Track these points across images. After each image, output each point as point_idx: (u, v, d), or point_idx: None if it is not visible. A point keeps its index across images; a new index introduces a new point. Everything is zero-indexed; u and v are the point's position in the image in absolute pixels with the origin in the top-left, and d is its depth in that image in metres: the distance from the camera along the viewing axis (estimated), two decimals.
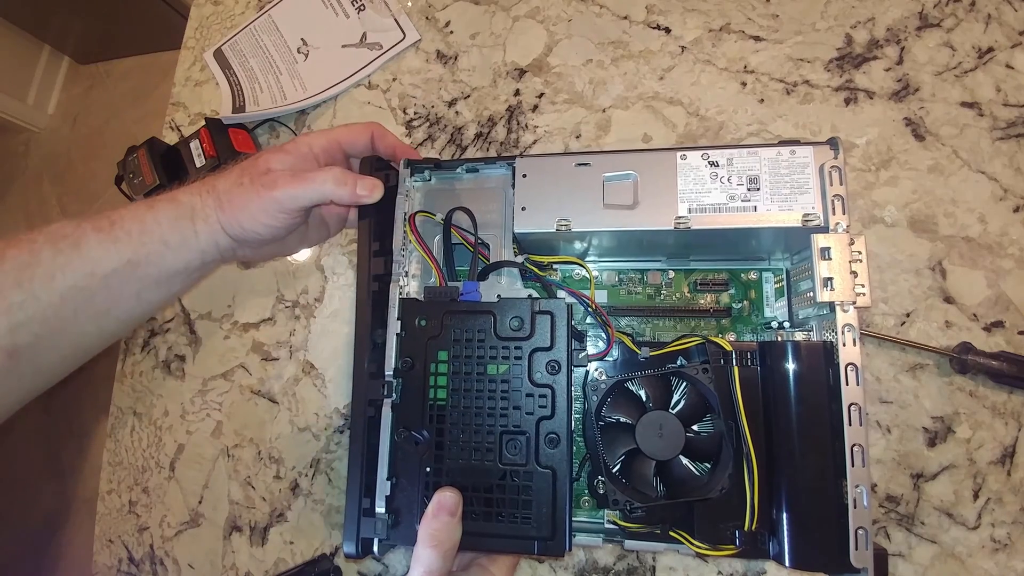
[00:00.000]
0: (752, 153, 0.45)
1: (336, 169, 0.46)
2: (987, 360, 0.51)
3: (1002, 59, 0.59)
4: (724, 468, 0.43)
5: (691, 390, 0.47)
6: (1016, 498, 0.51)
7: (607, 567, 0.56)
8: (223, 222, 0.45)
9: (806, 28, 0.64)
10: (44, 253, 0.41)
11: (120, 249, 0.42)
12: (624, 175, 0.47)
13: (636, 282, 0.55)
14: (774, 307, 0.52)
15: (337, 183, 0.45)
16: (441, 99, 0.72)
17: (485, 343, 0.44)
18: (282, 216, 0.45)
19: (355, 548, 0.44)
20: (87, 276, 0.41)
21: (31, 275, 0.40)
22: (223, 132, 0.73)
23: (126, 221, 0.43)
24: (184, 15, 0.90)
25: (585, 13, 0.71)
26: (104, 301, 0.43)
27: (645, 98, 0.66)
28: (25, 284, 0.40)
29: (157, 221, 0.44)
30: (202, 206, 0.45)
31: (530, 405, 0.43)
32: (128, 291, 0.44)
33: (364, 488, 0.45)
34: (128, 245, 0.43)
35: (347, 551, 0.44)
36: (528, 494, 0.42)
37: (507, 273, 0.51)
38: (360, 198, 0.46)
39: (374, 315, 0.48)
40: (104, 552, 0.71)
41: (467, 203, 0.51)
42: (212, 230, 0.45)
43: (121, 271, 0.43)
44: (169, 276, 0.45)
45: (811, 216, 0.43)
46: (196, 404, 0.71)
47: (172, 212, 0.45)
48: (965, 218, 0.56)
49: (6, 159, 2.24)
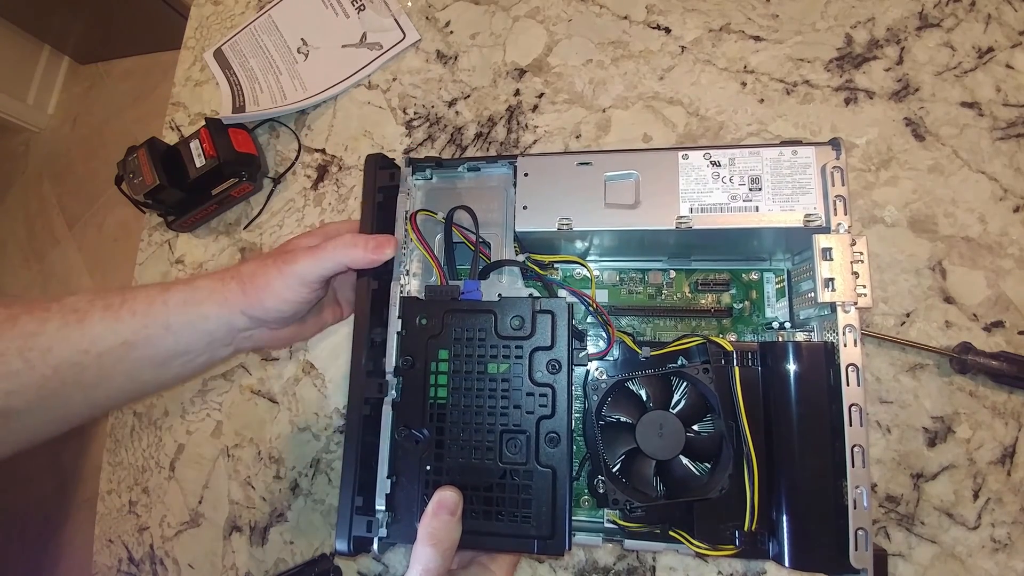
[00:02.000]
0: (754, 153, 0.45)
1: (348, 235, 0.47)
2: (987, 360, 0.51)
3: (1002, 59, 0.59)
4: (724, 468, 0.43)
5: (691, 390, 0.47)
6: (1016, 498, 0.51)
7: (607, 567, 0.56)
8: (244, 305, 0.46)
9: (806, 28, 0.64)
10: (51, 325, 0.42)
11: (120, 329, 0.43)
12: (626, 175, 0.47)
13: (637, 282, 0.55)
14: (775, 307, 0.52)
15: (352, 246, 0.46)
16: (441, 99, 0.72)
17: (486, 342, 0.44)
18: (303, 290, 0.46)
19: (347, 545, 0.44)
20: (82, 353, 0.42)
21: (33, 345, 0.41)
22: (223, 132, 0.73)
23: (136, 301, 0.44)
24: (184, 15, 0.90)
25: (585, 13, 0.71)
26: (94, 377, 0.44)
27: (645, 98, 0.66)
28: (26, 354, 0.41)
29: (165, 303, 0.45)
30: (222, 289, 0.46)
31: (530, 404, 0.43)
32: (120, 370, 0.45)
33: (358, 486, 0.45)
34: (129, 325, 0.44)
35: (339, 548, 0.44)
36: (528, 493, 0.42)
37: (508, 272, 0.51)
38: (376, 260, 0.47)
39: (372, 314, 0.48)
40: (104, 552, 0.71)
41: (468, 202, 0.51)
42: (227, 312, 0.46)
43: (116, 351, 0.43)
44: (166, 359, 0.46)
45: (813, 216, 0.43)
46: (196, 404, 0.71)
47: (183, 296, 0.45)
48: (965, 218, 0.56)
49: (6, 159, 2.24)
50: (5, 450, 0.44)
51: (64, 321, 0.42)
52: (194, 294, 0.46)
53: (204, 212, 0.74)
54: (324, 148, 0.75)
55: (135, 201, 0.73)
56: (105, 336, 0.43)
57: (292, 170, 0.75)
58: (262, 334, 0.49)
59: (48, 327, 0.42)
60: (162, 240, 0.79)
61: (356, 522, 0.45)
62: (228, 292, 0.46)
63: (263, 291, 0.46)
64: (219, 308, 0.46)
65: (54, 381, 0.42)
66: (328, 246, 0.46)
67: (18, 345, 0.41)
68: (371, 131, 0.74)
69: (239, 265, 0.48)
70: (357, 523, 0.45)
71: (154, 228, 0.79)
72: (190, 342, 0.46)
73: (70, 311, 0.43)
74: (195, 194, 0.73)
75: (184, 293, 0.46)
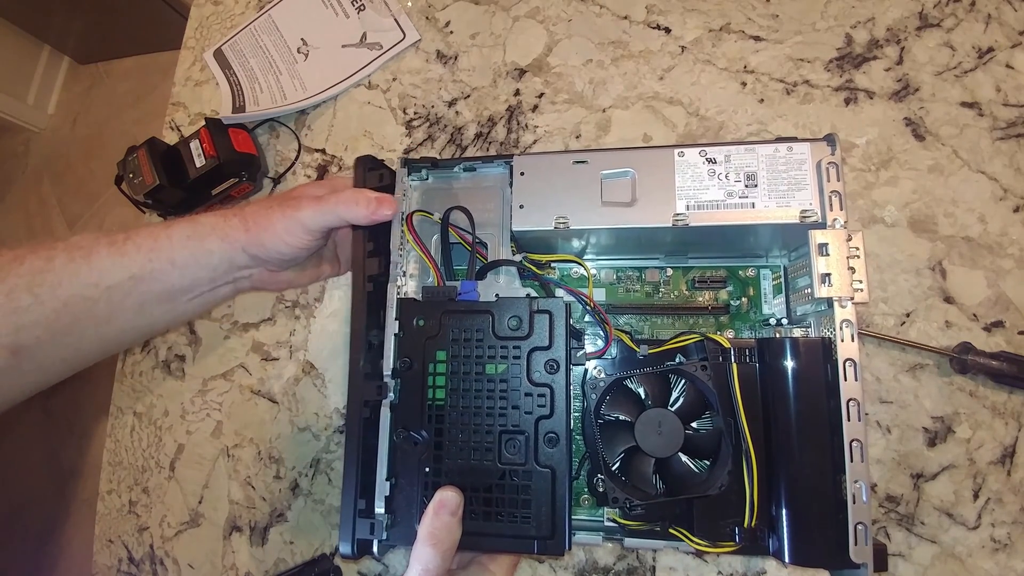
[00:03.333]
0: (749, 150, 0.45)
1: (351, 191, 0.48)
2: (987, 360, 0.51)
3: (1002, 59, 0.59)
4: (723, 465, 0.43)
5: (690, 387, 0.47)
6: (1016, 498, 0.51)
7: (607, 567, 0.56)
8: (245, 241, 0.47)
9: (806, 28, 0.64)
10: (58, 261, 0.43)
11: (126, 263, 0.45)
12: (622, 172, 0.47)
13: (634, 280, 0.55)
14: (772, 304, 0.52)
15: (354, 203, 0.47)
16: (441, 99, 0.72)
17: (483, 343, 0.44)
18: (306, 237, 0.48)
19: (351, 549, 0.44)
20: (91, 287, 0.44)
21: (41, 281, 0.42)
22: (223, 132, 0.73)
23: (140, 237, 0.46)
24: (184, 15, 0.90)
25: (585, 13, 0.71)
26: (105, 311, 0.45)
27: (645, 98, 0.66)
28: (35, 289, 0.42)
29: (169, 238, 0.46)
30: (224, 225, 0.47)
31: (529, 404, 0.43)
32: (129, 304, 0.46)
33: (360, 489, 0.45)
34: (135, 260, 0.45)
35: (343, 552, 0.44)
36: (527, 493, 0.42)
37: (505, 272, 0.51)
38: (374, 219, 0.48)
39: (369, 316, 0.48)
40: (104, 552, 0.71)
41: (465, 202, 0.51)
42: (229, 248, 0.47)
43: (124, 284, 0.45)
44: (172, 293, 0.47)
45: (808, 212, 0.43)
46: (196, 404, 0.71)
47: (186, 231, 0.46)
48: (965, 218, 0.56)
49: (6, 159, 2.24)
50: (18, 391, 0.45)
51: (70, 257, 0.43)
52: (197, 228, 0.47)
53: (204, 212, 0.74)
54: (324, 148, 0.75)
55: (135, 201, 0.73)
56: (112, 270, 0.44)
57: (292, 170, 0.75)
58: (260, 275, 0.51)
59: (55, 263, 0.43)
60: None
61: (359, 524, 0.45)
62: (230, 228, 0.47)
63: (265, 231, 0.47)
64: (221, 242, 0.47)
65: (65, 315, 0.43)
66: (332, 199, 0.47)
67: (26, 281, 0.42)
68: (371, 131, 0.74)
69: (243, 205, 0.49)
70: (360, 526, 0.45)
71: None
72: (196, 276, 0.47)
73: (75, 248, 0.44)
74: (195, 194, 0.73)
75: (188, 228, 0.46)
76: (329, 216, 0.47)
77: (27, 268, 0.42)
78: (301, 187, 0.52)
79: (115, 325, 0.46)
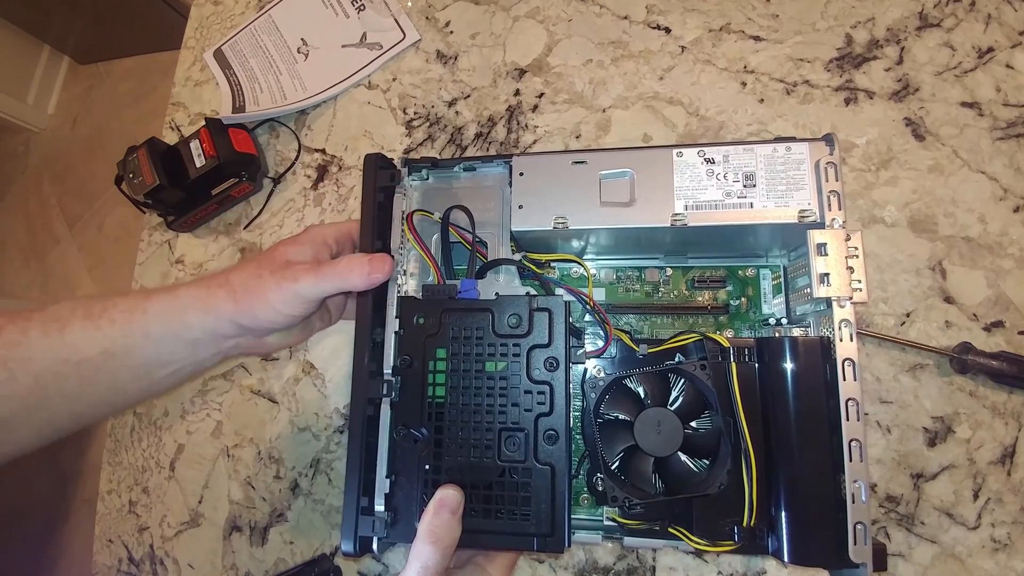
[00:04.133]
0: (748, 150, 0.45)
1: (353, 258, 0.46)
2: (987, 360, 0.51)
3: (1002, 59, 0.59)
4: (722, 464, 0.43)
5: (689, 387, 0.47)
6: (1016, 498, 0.51)
7: (607, 567, 0.56)
8: (234, 312, 0.44)
9: (806, 28, 0.64)
10: (32, 334, 0.42)
11: (99, 338, 0.43)
12: (620, 173, 0.47)
13: (634, 280, 0.55)
14: (772, 304, 0.52)
15: (355, 273, 0.45)
16: (441, 99, 0.72)
17: (483, 340, 0.44)
18: (302, 306, 0.46)
19: (353, 546, 0.44)
20: (62, 362, 0.42)
21: (16, 355, 0.41)
22: (223, 132, 0.73)
23: (116, 310, 0.44)
24: (184, 15, 0.90)
25: (585, 13, 0.71)
26: (76, 387, 0.44)
27: (645, 98, 0.66)
28: (9, 364, 0.41)
29: (145, 312, 0.44)
30: (208, 297, 0.45)
31: (528, 402, 0.43)
32: (101, 379, 0.44)
33: (362, 487, 0.45)
34: (108, 334, 0.43)
35: (345, 550, 0.44)
36: (527, 491, 0.42)
37: (505, 271, 0.51)
38: (374, 282, 0.46)
39: (374, 314, 0.48)
40: (104, 552, 0.71)
41: (465, 202, 0.51)
42: (215, 320, 0.45)
43: (95, 360, 0.43)
44: (147, 368, 0.45)
45: (807, 212, 0.43)
46: (196, 404, 0.71)
47: (164, 304, 0.44)
48: (965, 218, 0.56)
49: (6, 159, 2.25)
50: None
51: (45, 331, 0.42)
52: (176, 302, 0.45)
53: (204, 212, 0.75)
54: (324, 148, 0.75)
55: (135, 201, 0.73)
56: (84, 345, 0.43)
57: (292, 170, 0.75)
58: (249, 341, 0.48)
59: (30, 336, 0.42)
60: (162, 240, 0.79)
61: (362, 522, 0.45)
62: (216, 300, 0.45)
63: (257, 302, 0.44)
64: (204, 315, 0.44)
65: (36, 391, 0.42)
66: (330, 269, 0.45)
67: (2, 356, 0.41)
68: (371, 131, 0.74)
69: (227, 273, 0.46)
70: (363, 523, 0.45)
71: (154, 228, 0.79)
72: (173, 351, 0.45)
73: (52, 320, 0.43)
74: (195, 194, 0.73)
75: (166, 302, 0.45)
76: (328, 286, 0.45)
77: (4, 340, 0.41)
78: (284, 247, 0.48)
79: (87, 400, 0.45)
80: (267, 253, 0.48)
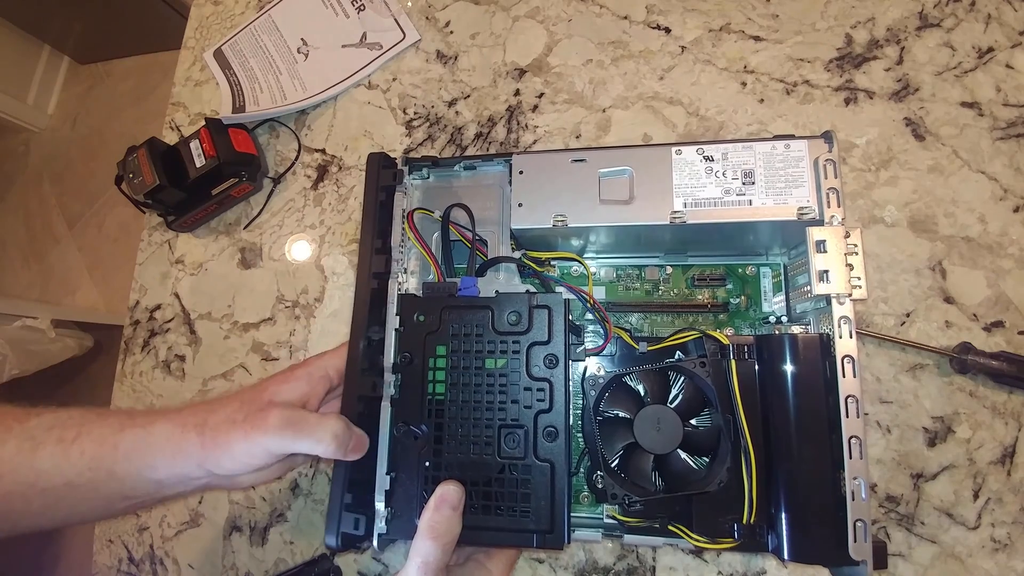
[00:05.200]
0: (747, 148, 0.46)
1: (339, 425, 0.43)
2: (987, 360, 0.51)
3: (1002, 59, 0.59)
4: (722, 462, 0.43)
5: (689, 384, 0.47)
6: (1016, 498, 0.51)
7: (607, 567, 0.56)
8: (200, 458, 0.43)
9: (806, 28, 0.64)
10: (7, 449, 0.42)
11: (66, 469, 0.42)
12: (619, 171, 0.47)
13: (634, 278, 0.55)
14: (772, 302, 0.52)
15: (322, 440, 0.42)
16: (441, 99, 0.73)
17: (483, 338, 0.44)
18: (268, 459, 0.43)
19: (335, 540, 0.44)
20: (28, 486, 0.42)
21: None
22: (223, 132, 0.73)
23: (88, 440, 0.43)
24: (184, 15, 0.90)
25: (585, 13, 0.71)
26: (40, 507, 0.43)
27: (645, 98, 0.66)
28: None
29: (115, 447, 0.43)
30: (180, 439, 0.43)
31: (528, 399, 0.43)
32: (62, 507, 0.44)
33: (348, 483, 0.45)
34: (76, 466, 0.42)
35: (328, 543, 0.44)
36: (527, 487, 0.42)
37: (505, 269, 0.51)
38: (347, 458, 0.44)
39: (371, 312, 0.48)
40: (104, 552, 0.71)
41: (465, 200, 0.52)
42: (181, 463, 0.43)
43: (59, 490, 0.42)
44: (109, 500, 0.45)
45: (806, 209, 0.43)
46: None
47: (135, 442, 0.43)
48: (965, 218, 0.56)
49: (6, 159, 2.24)
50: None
51: (19, 448, 0.42)
52: (148, 439, 0.43)
53: (204, 212, 0.74)
54: (324, 148, 0.75)
55: (135, 201, 0.73)
56: (52, 473, 0.42)
57: (292, 170, 0.75)
58: (219, 482, 0.46)
59: (5, 451, 0.42)
60: (162, 240, 0.79)
61: (344, 518, 0.44)
62: (186, 443, 0.43)
63: (223, 452, 0.42)
64: (172, 459, 0.43)
65: (2, 505, 0.42)
66: (304, 425, 0.42)
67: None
68: (371, 131, 0.74)
69: (208, 410, 0.44)
70: (345, 519, 0.44)
71: (154, 228, 0.79)
72: (135, 488, 0.44)
73: (27, 438, 0.42)
74: (195, 194, 0.73)
75: (138, 439, 0.43)
76: (299, 446, 0.42)
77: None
78: (274, 384, 0.46)
79: (48, 519, 0.44)
80: (254, 389, 0.46)
